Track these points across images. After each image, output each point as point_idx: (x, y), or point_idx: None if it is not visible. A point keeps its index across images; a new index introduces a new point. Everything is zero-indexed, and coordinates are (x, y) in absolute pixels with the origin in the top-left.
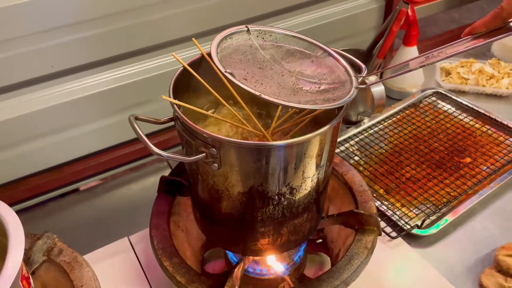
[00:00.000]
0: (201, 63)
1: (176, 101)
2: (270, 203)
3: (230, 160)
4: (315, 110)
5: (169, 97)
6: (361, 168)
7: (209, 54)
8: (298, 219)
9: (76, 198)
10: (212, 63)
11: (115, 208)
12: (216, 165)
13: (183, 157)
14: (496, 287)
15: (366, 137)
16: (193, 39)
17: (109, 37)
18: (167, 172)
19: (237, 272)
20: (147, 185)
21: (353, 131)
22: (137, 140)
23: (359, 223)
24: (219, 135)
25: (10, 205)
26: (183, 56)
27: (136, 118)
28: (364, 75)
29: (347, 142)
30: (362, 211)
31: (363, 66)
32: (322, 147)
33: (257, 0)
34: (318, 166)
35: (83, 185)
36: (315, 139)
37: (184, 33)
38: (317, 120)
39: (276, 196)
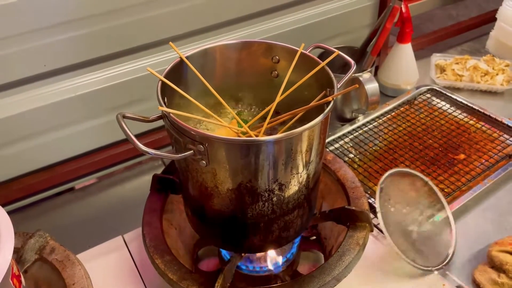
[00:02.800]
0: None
1: (169, 110)
2: (260, 199)
3: (218, 157)
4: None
5: (158, 95)
6: (355, 165)
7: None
8: (289, 215)
9: (71, 197)
10: (191, 67)
11: (109, 207)
12: (204, 162)
13: (170, 154)
14: (489, 283)
15: (360, 134)
16: (170, 43)
17: (101, 36)
18: (161, 171)
19: (228, 269)
20: (142, 183)
21: (347, 128)
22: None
23: (351, 219)
24: (206, 132)
25: (4, 205)
26: (172, 57)
27: (124, 116)
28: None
29: (342, 139)
30: (353, 208)
31: (352, 62)
32: (311, 142)
33: None
34: (307, 162)
35: (77, 184)
36: (303, 135)
37: (176, 32)
38: (307, 118)
39: (266, 193)
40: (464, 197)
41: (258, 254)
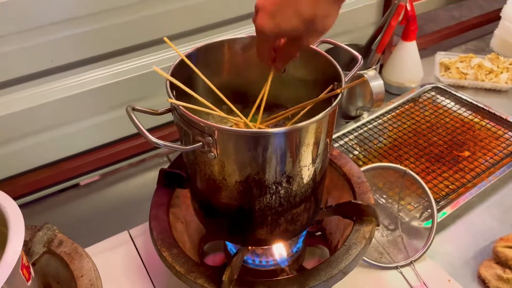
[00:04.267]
0: (197, 58)
1: (179, 102)
2: (267, 192)
3: (226, 149)
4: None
5: (167, 87)
6: (360, 162)
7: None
8: (296, 209)
9: (76, 193)
10: (191, 65)
11: (115, 203)
12: (212, 154)
13: (180, 146)
14: (495, 279)
15: (365, 131)
16: (165, 38)
17: (108, 32)
18: (168, 166)
19: (236, 261)
20: (147, 180)
21: (352, 125)
22: (137, 135)
23: (357, 213)
24: (215, 124)
25: None
26: (183, 51)
27: (134, 109)
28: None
29: (347, 136)
30: (360, 202)
31: (359, 56)
32: (318, 135)
33: None
34: (314, 155)
35: (82, 181)
36: (310, 127)
37: (184, 28)
38: (314, 113)
39: (273, 185)
40: (469, 193)
41: (264, 248)
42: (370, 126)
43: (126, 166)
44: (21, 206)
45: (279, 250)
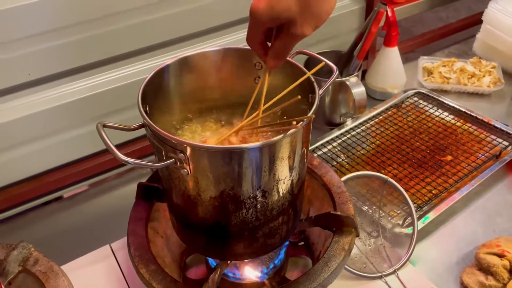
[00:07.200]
0: (170, 71)
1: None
2: (243, 207)
3: (199, 165)
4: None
5: (138, 104)
6: (344, 169)
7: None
8: (274, 222)
9: (59, 207)
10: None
11: (98, 216)
12: (185, 170)
13: (151, 163)
14: (477, 285)
15: (349, 138)
16: None
17: (85, 44)
18: (147, 179)
19: (214, 277)
20: (130, 192)
21: (336, 132)
22: (120, 145)
23: (337, 224)
24: (187, 140)
25: None
26: (155, 64)
27: (104, 126)
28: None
29: (330, 144)
30: (339, 213)
31: (334, 67)
32: (293, 148)
33: (233, 5)
34: (290, 168)
35: (65, 193)
36: (284, 141)
37: (159, 40)
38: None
39: (249, 200)
40: (451, 198)
41: (245, 261)
42: (354, 133)
43: (109, 178)
44: (2, 221)
45: (261, 263)
